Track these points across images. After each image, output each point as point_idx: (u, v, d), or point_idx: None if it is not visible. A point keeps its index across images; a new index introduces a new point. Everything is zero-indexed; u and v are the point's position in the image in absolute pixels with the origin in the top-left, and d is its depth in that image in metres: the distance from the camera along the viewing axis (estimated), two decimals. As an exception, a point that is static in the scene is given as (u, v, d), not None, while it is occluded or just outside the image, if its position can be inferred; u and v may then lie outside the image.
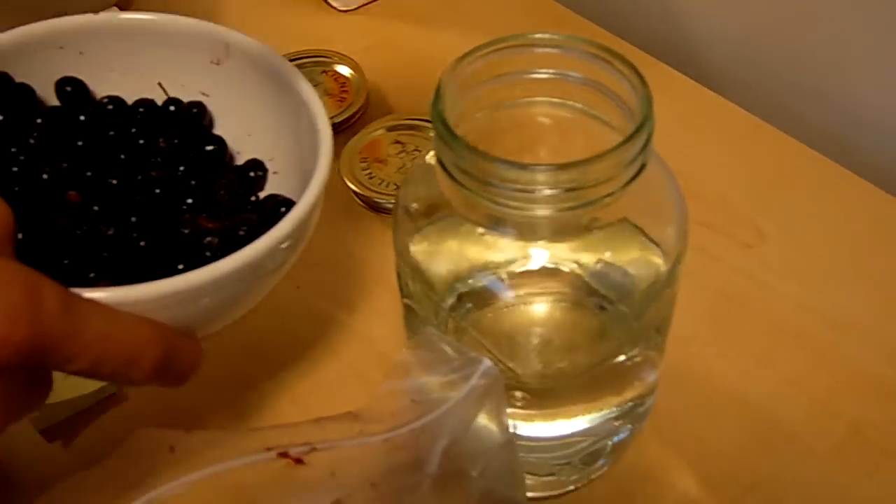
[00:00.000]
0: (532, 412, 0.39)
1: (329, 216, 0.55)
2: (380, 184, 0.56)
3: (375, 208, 0.56)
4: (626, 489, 0.45)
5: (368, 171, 0.57)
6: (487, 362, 0.35)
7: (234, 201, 0.44)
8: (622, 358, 0.38)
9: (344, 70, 0.64)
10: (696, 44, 0.68)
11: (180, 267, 0.39)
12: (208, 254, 0.40)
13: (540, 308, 0.39)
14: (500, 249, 0.37)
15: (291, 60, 0.62)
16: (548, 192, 0.33)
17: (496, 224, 0.36)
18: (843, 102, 0.62)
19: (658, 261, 0.38)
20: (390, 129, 0.59)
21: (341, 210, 0.57)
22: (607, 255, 0.37)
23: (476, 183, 0.34)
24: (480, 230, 0.36)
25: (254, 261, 0.37)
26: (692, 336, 0.50)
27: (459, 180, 0.34)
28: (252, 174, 0.46)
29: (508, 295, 0.36)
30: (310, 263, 0.53)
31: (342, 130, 0.61)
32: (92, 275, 0.39)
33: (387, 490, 0.34)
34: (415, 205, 0.39)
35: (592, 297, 0.39)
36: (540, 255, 0.36)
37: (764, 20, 0.64)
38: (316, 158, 0.41)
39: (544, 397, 0.39)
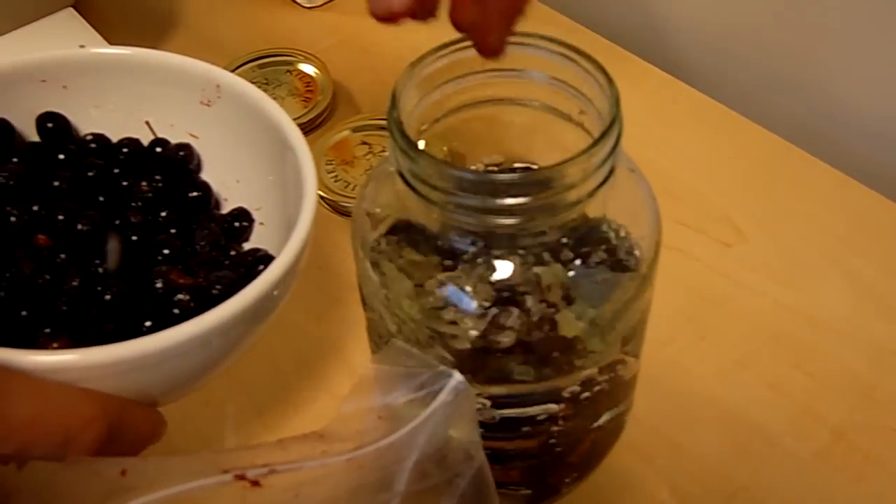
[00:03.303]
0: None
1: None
2: (346, 187, 0.55)
3: (342, 212, 0.55)
4: (601, 499, 0.44)
5: (334, 174, 0.55)
6: (458, 376, 0.33)
7: (214, 253, 0.42)
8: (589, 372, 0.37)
9: (308, 69, 0.62)
10: (670, 36, 0.66)
11: (147, 324, 0.37)
12: (177, 311, 0.38)
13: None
14: (463, 260, 0.35)
15: (254, 60, 0.61)
16: (510, 201, 0.32)
17: (458, 234, 0.34)
18: (822, 96, 0.60)
19: (631, 266, 0.37)
20: (357, 129, 0.58)
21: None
22: (576, 263, 0.35)
23: (435, 192, 0.32)
24: (441, 241, 0.35)
25: (220, 325, 0.35)
26: (669, 339, 0.49)
27: (418, 190, 0.33)
28: (237, 224, 0.44)
29: (472, 306, 0.35)
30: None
31: (308, 132, 0.59)
32: (48, 330, 0.37)
33: (350, 512, 0.33)
34: (377, 210, 0.37)
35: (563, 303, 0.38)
36: (504, 266, 0.35)
37: (740, 11, 0.63)
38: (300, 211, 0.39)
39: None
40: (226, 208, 0.45)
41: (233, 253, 0.43)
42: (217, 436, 0.46)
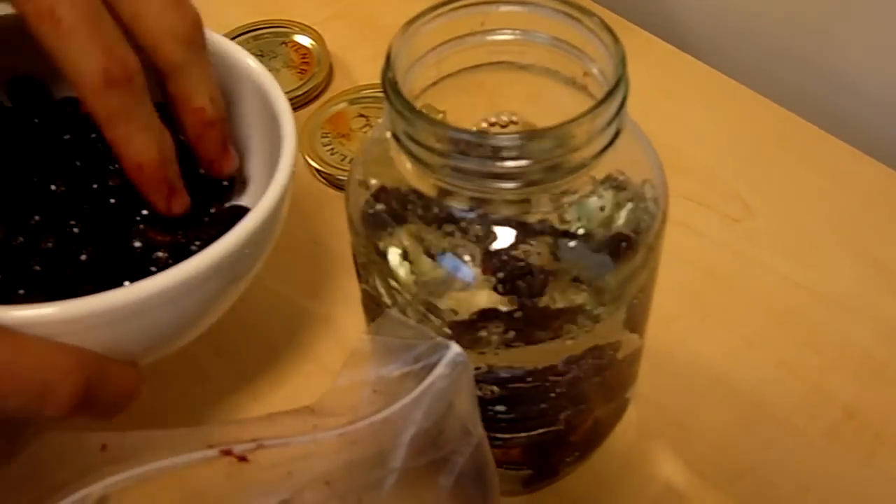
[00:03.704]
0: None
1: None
2: (342, 160, 0.53)
3: (338, 186, 0.53)
4: (606, 479, 0.43)
5: (331, 147, 0.54)
6: (455, 348, 0.32)
7: (194, 212, 0.41)
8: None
9: (304, 40, 0.60)
10: (676, 7, 0.65)
11: (125, 284, 0.36)
12: (155, 269, 0.37)
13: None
14: (463, 229, 0.34)
15: (249, 32, 0.60)
16: (511, 164, 0.30)
17: (456, 201, 0.33)
18: (831, 68, 0.59)
19: (637, 235, 0.35)
20: (354, 101, 0.56)
21: (301, 188, 0.54)
22: (580, 231, 0.34)
23: (432, 156, 0.31)
24: (439, 208, 0.33)
25: (195, 278, 0.34)
26: (675, 316, 0.48)
27: (414, 154, 0.31)
28: (217, 182, 0.43)
29: (471, 276, 0.33)
30: (268, 246, 0.51)
31: (304, 104, 0.58)
32: (22, 291, 0.36)
33: (344, 488, 0.31)
34: (372, 180, 0.36)
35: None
36: (506, 233, 0.33)
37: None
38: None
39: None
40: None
41: (213, 211, 0.41)
42: (211, 414, 0.45)
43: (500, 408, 0.37)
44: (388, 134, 0.33)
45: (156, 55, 0.38)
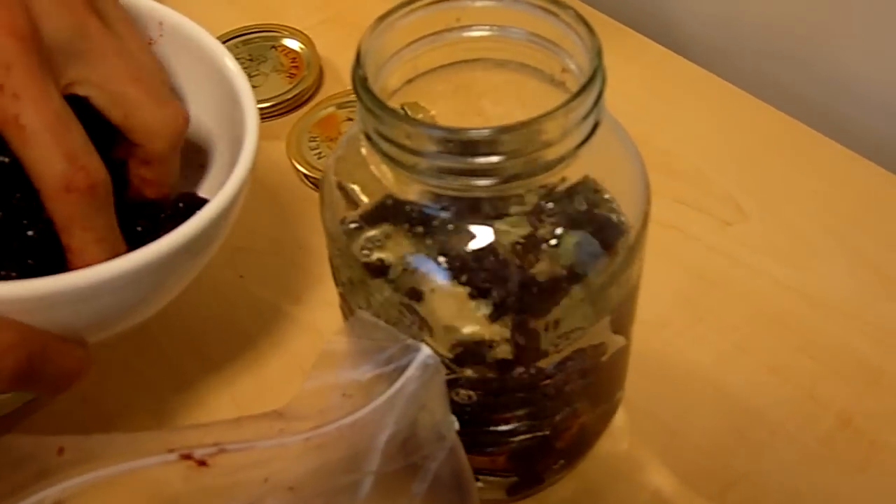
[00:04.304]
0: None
1: (274, 199, 0.52)
2: (329, 164, 0.52)
3: (325, 190, 0.52)
4: (593, 487, 0.42)
5: (318, 151, 0.53)
6: (426, 350, 0.31)
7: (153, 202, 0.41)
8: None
9: (294, 44, 0.60)
10: (669, 9, 0.64)
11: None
12: None
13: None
14: (436, 228, 0.33)
15: (239, 36, 0.60)
16: (484, 160, 0.30)
17: (430, 199, 0.32)
18: (827, 70, 0.58)
19: (617, 234, 0.34)
20: (342, 105, 0.56)
21: (287, 192, 0.53)
22: (557, 230, 0.33)
23: (404, 153, 0.30)
24: (412, 207, 0.33)
25: (145, 266, 0.34)
26: (665, 321, 0.47)
27: (386, 152, 0.31)
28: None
29: (446, 278, 0.32)
30: (254, 250, 0.50)
31: (293, 108, 0.57)
32: None
33: (309, 493, 0.30)
34: (347, 181, 0.35)
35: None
36: (484, 232, 0.32)
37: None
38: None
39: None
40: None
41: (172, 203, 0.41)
42: (191, 418, 0.44)
43: (479, 412, 0.36)
44: (361, 133, 0.32)
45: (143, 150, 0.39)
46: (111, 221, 0.36)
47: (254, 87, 0.42)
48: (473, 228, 0.32)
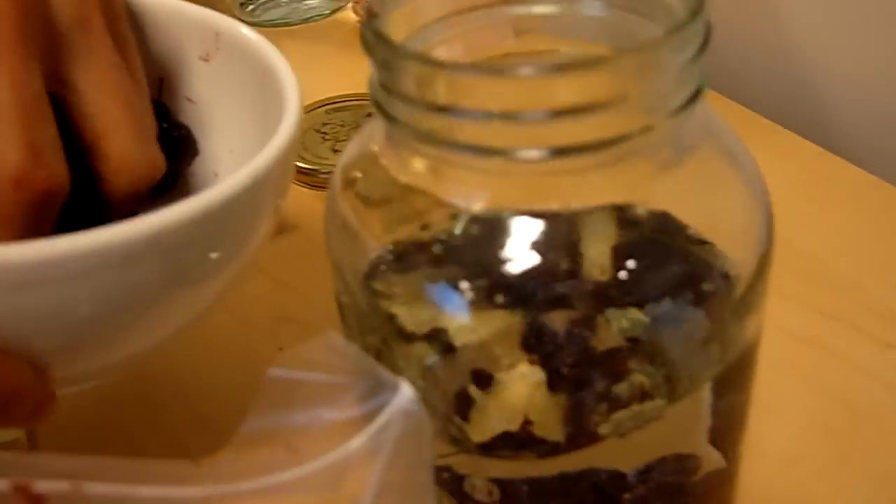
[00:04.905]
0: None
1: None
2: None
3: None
4: None
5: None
6: (406, 390, 0.21)
7: None
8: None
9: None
10: (824, 105, 0.56)
11: None
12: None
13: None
14: (459, 239, 0.24)
15: (334, 102, 0.57)
16: (538, 115, 0.21)
17: (456, 185, 0.23)
18: None
19: (715, 290, 0.24)
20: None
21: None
22: (631, 271, 0.23)
23: (428, 115, 0.22)
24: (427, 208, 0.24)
25: (121, 245, 0.25)
26: (797, 457, 0.36)
27: (404, 120, 0.23)
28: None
29: (466, 312, 0.23)
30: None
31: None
32: None
33: None
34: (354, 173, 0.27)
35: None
36: (521, 252, 0.23)
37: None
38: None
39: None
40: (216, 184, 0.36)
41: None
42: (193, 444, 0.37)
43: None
44: (373, 106, 0.24)
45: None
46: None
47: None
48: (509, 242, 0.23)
